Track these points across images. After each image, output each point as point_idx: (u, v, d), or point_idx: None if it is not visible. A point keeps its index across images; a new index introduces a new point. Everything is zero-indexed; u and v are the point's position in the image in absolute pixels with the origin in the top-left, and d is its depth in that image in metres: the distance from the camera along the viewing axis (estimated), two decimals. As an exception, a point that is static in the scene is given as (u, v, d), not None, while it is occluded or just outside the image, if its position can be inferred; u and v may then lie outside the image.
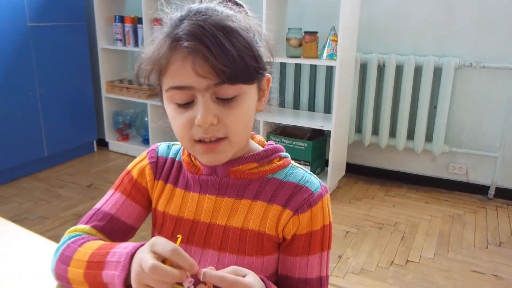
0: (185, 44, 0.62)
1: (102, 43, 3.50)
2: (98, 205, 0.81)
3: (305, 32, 2.71)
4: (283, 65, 3.13)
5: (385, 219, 2.58)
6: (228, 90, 0.65)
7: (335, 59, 2.58)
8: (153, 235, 0.82)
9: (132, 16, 3.38)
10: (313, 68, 3.07)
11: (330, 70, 3.00)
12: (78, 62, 3.45)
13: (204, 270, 0.58)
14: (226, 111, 0.65)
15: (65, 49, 3.31)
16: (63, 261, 0.72)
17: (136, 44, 3.41)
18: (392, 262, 2.15)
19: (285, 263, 0.75)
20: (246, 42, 0.65)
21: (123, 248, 0.67)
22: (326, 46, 2.64)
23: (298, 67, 3.11)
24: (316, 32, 2.71)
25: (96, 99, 3.67)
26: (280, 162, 0.76)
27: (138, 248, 0.65)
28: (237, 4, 0.72)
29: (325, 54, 2.65)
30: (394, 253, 2.23)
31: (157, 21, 3.17)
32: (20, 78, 3.02)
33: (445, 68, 2.69)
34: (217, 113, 0.65)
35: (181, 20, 0.66)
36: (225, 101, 0.65)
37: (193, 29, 0.63)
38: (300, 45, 2.73)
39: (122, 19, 3.38)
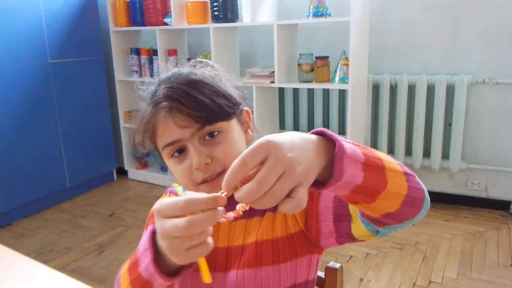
0: (162, 105, 0.73)
1: (119, 75, 3.61)
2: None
3: (316, 57, 2.77)
4: (296, 90, 3.18)
5: (405, 239, 2.57)
6: (211, 131, 0.74)
7: (347, 82, 2.62)
8: None
9: (148, 48, 3.49)
10: (326, 92, 3.11)
11: (342, 93, 3.04)
12: (97, 94, 3.57)
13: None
14: (215, 148, 0.74)
15: (84, 82, 3.43)
16: None
17: (151, 74, 3.51)
18: (414, 283, 2.13)
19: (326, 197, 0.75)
20: (212, 87, 0.75)
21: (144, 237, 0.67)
22: (338, 70, 2.69)
23: (311, 91, 3.15)
24: (327, 57, 2.76)
25: (115, 129, 3.77)
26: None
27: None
28: (201, 62, 0.84)
29: (337, 78, 2.69)
30: (416, 274, 2.21)
31: (172, 52, 3.27)
32: (42, 113, 3.13)
33: (458, 85, 2.71)
34: (209, 153, 0.73)
35: (155, 89, 0.77)
36: (211, 140, 0.74)
37: (165, 91, 0.74)
38: (312, 70, 2.79)
39: (138, 52, 3.49)
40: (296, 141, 0.50)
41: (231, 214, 0.53)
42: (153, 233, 0.62)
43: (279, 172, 0.47)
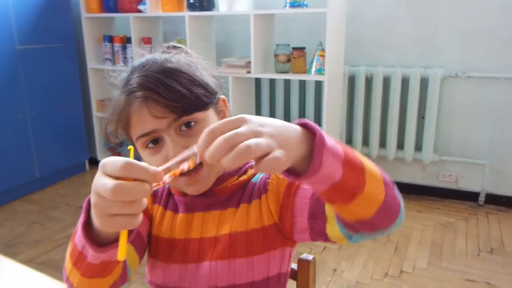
0: (137, 95, 0.71)
1: (91, 63, 3.50)
2: None
3: (293, 48, 2.75)
4: (272, 81, 3.17)
5: (378, 230, 2.60)
6: (187, 121, 0.72)
7: (324, 74, 2.62)
8: (148, 261, 0.84)
9: (121, 35, 3.40)
10: (302, 83, 3.11)
11: (319, 84, 3.04)
12: (68, 82, 3.46)
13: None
14: (193, 138, 0.71)
15: (55, 70, 3.32)
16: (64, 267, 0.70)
17: (125, 62, 3.42)
18: (386, 273, 2.17)
19: (303, 193, 0.73)
20: (188, 75, 0.73)
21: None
22: (314, 61, 2.68)
23: (287, 82, 3.14)
24: (304, 48, 2.75)
25: (87, 118, 3.67)
26: (253, 170, 0.83)
27: None
28: (175, 47, 0.82)
29: (313, 69, 2.68)
30: (388, 264, 2.25)
31: (146, 40, 3.20)
32: (10, 101, 3.02)
33: (431, 79, 2.75)
34: (185, 144, 0.70)
35: (128, 77, 0.74)
36: (188, 131, 0.72)
37: (139, 80, 0.71)
38: (289, 60, 2.77)
39: (111, 39, 3.39)
40: (274, 121, 0.49)
41: (166, 177, 0.52)
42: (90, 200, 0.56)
43: (249, 136, 0.45)
